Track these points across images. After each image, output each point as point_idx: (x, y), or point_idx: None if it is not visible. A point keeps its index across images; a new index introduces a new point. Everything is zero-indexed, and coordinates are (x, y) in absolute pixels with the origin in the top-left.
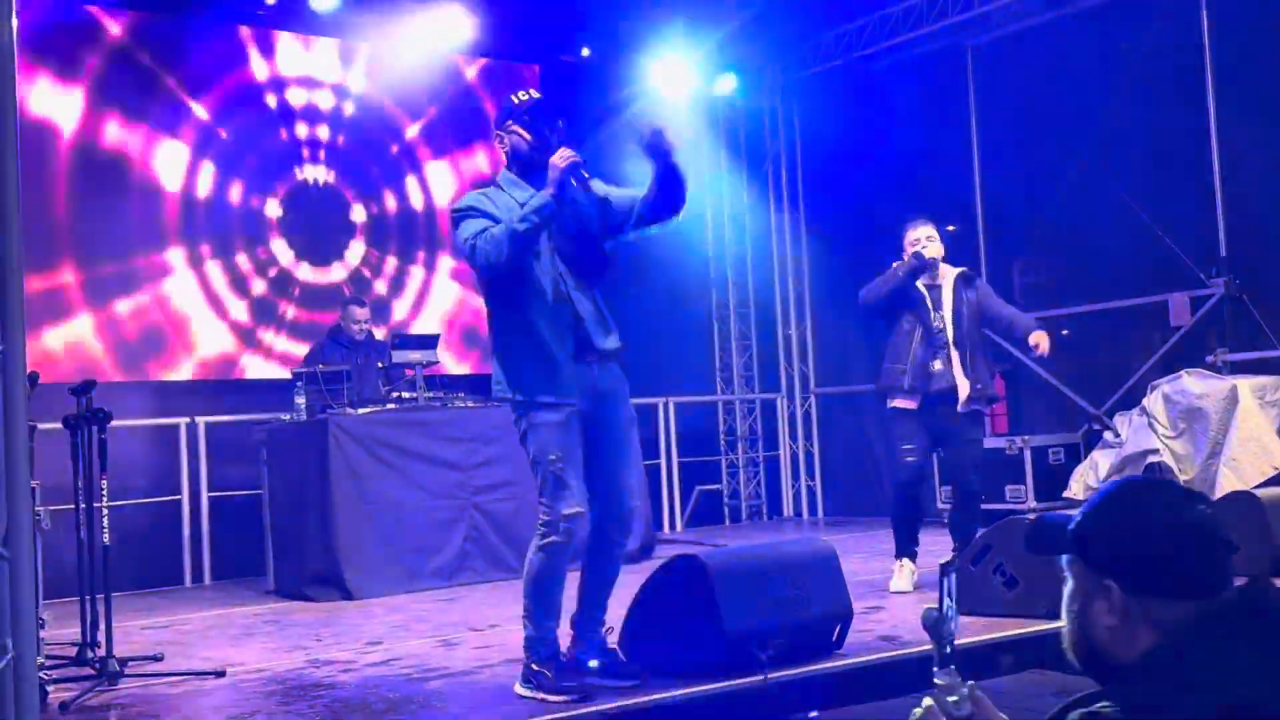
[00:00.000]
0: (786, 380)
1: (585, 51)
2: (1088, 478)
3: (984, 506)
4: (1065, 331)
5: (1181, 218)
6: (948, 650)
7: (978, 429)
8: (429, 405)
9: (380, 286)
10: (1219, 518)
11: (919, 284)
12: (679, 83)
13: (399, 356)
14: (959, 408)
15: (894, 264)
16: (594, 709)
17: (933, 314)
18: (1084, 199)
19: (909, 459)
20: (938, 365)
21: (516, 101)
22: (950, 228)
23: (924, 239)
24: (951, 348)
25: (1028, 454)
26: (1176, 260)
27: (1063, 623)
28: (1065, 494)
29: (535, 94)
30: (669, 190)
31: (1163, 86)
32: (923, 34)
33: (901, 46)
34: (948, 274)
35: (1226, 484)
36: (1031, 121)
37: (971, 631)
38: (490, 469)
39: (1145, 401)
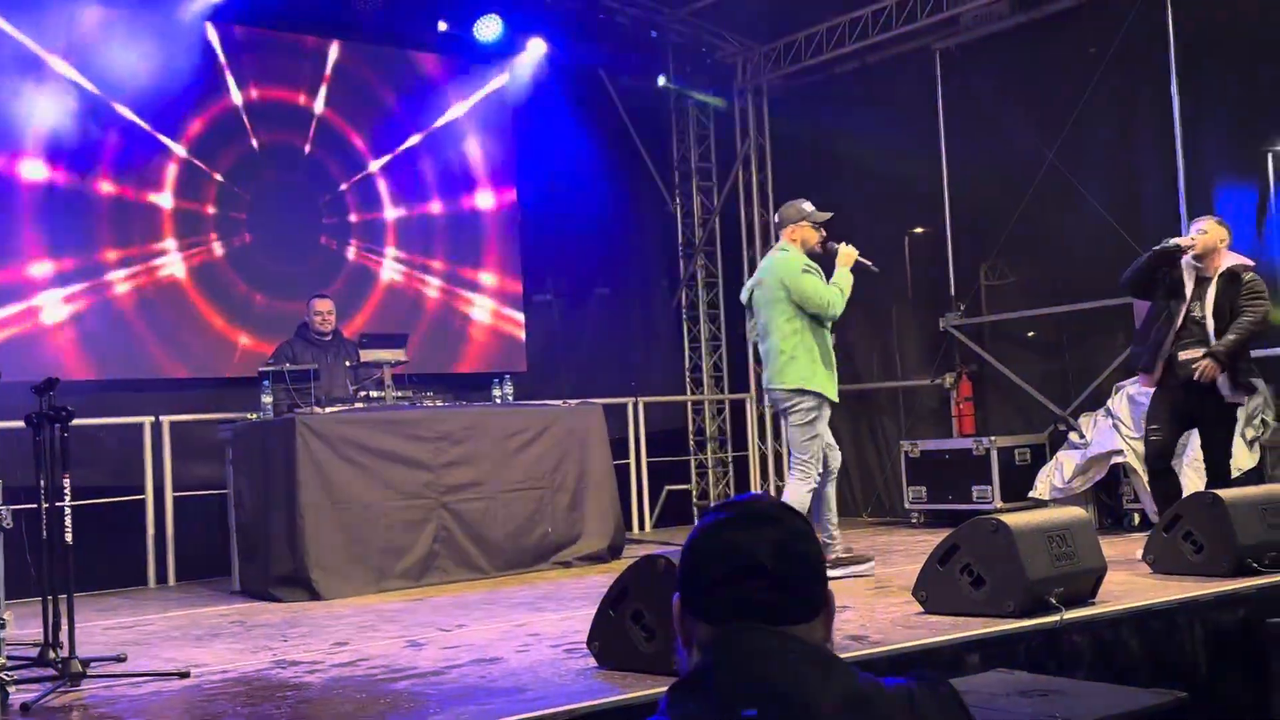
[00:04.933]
0: (755, 381)
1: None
2: (1053, 478)
3: (949, 506)
4: (1031, 333)
5: (1147, 221)
6: None
7: (1229, 417)
8: (397, 404)
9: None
10: (756, 546)
11: (1188, 276)
12: (649, 83)
13: (367, 355)
14: (1217, 398)
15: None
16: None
17: (1191, 303)
18: (1050, 201)
19: (1152, 437)
20: (1189, 354)
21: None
22: (918, 229)
23: (1193, 230)
24: (1212, 338)
25: (994, 454)
26: None
27: None
28: (1031, 494)
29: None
30: None
31: (1129, 90)
32: (892, 36)
33: (871, 49)
34: (1221, 267)
35: (1190, 485)
36: (999, 124)
37: (938, 630)
38: (459, 469)
39: (1110, 403)
